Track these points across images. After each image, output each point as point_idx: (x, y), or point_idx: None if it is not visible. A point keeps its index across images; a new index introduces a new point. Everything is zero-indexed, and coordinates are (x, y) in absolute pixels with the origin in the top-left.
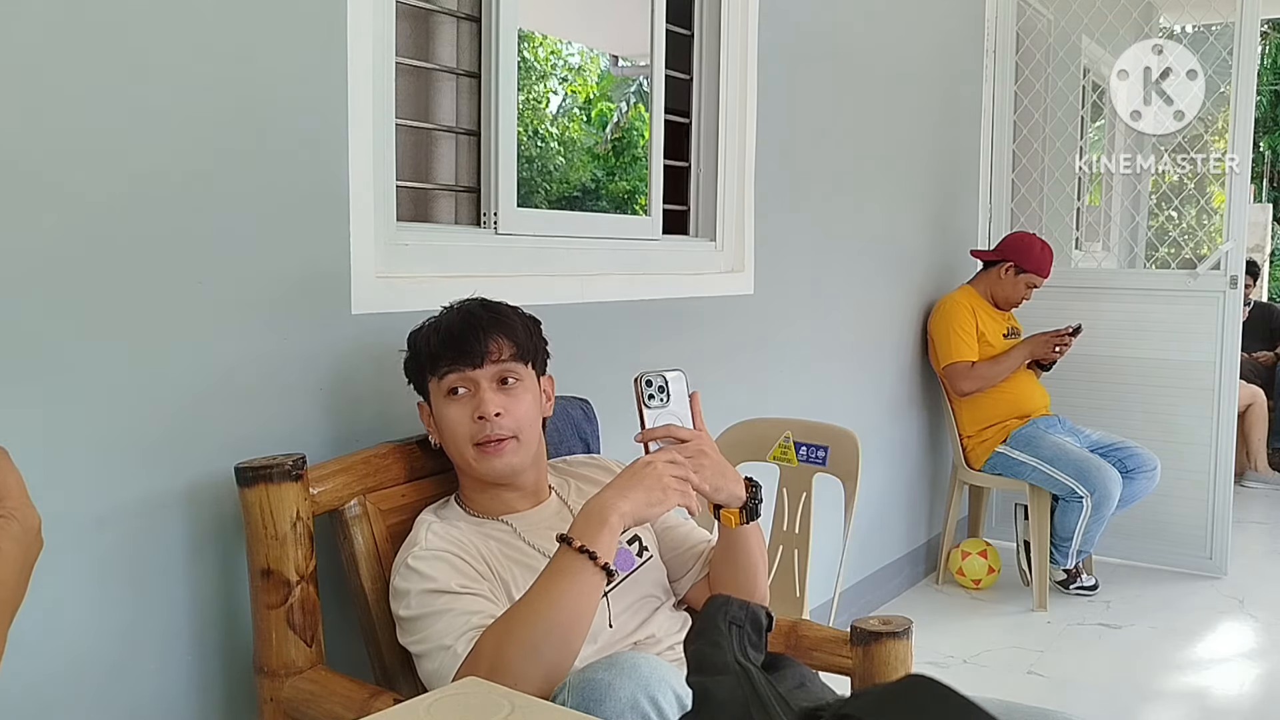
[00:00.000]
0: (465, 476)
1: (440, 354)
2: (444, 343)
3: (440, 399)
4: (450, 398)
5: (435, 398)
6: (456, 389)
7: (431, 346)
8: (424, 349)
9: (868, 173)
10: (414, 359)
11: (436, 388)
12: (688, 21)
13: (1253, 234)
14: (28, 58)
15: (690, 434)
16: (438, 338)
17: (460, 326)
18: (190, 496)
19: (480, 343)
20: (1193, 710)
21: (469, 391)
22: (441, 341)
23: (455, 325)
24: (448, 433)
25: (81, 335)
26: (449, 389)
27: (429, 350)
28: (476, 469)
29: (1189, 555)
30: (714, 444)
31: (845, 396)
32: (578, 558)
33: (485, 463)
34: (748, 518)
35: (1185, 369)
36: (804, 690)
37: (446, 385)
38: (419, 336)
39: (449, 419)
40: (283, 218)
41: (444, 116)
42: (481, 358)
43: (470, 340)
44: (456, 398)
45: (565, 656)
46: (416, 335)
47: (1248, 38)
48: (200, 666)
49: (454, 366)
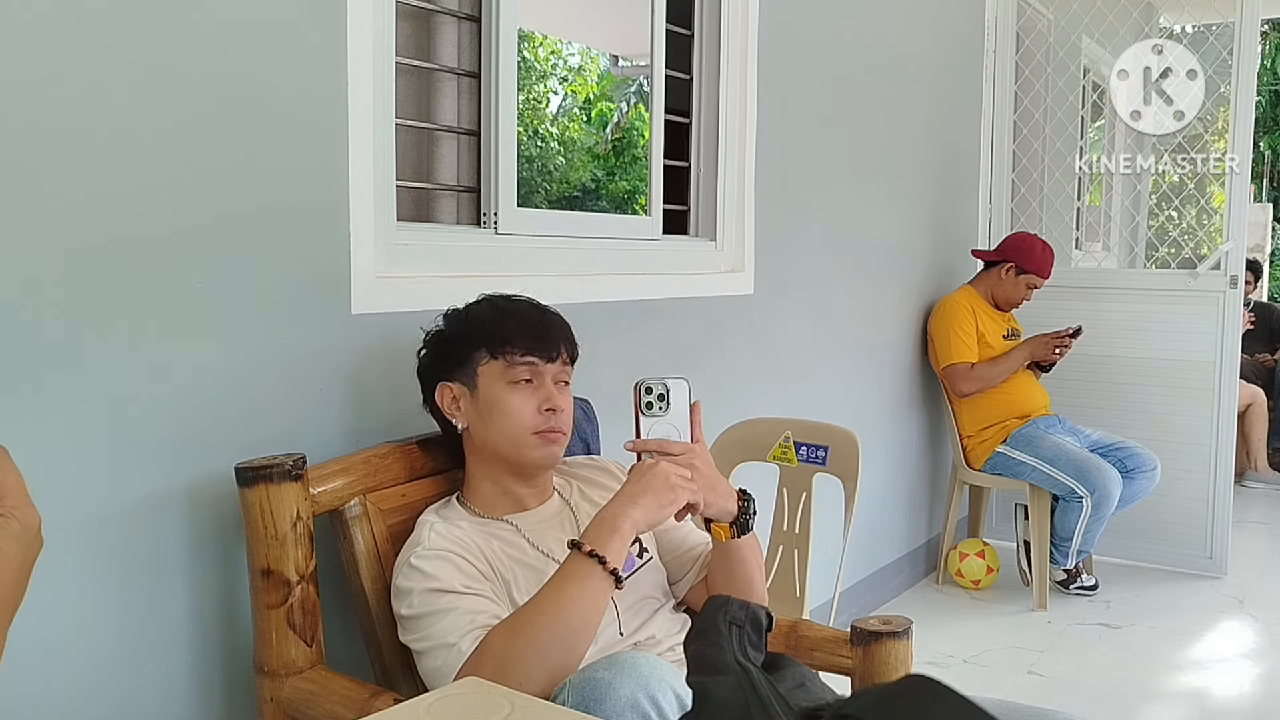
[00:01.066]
0: (487, 465)
1: (514, 338)
2: (520, 329)
3: (498, 383)
4: (514, 384)
5: (491, 382)
6: (526, 378)
7: (504, 330)
8: (492, 330)
9: (868, 172)
10: (466, 334)
11: (496, 372)
12: (688, 21)
13: (1253, 234)
14: (28, 59)
15: (682, 448)
16: (510, 323)
17: (537, 318)
18: (190, 496)
19: (555, 338)
20: (1193, 710)
21: (534, 383)
22: (517, 327)
23: (531, 316)
24: (503, 418)
25: (81, 335)
26: (518, 376)
27: (500, 332)
28: (531, 455)
29: (1189, 555)
30: (708, 457)
31: (845, 396)
32: (587, 562)
33: (544, 449)
34: (738, 532)
35: (1185, 369)
36: (804, 690)
37: (516, 372)
38: (473, 311)
39: (509, 405)
40: (283, 217)
41: (444, 116)
42: (556, 353)
43: (549, 333)
44: (520, 386)
45: (571, 658)
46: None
47: (1248, 38)
48: (200, 666)
49: (529, 356)
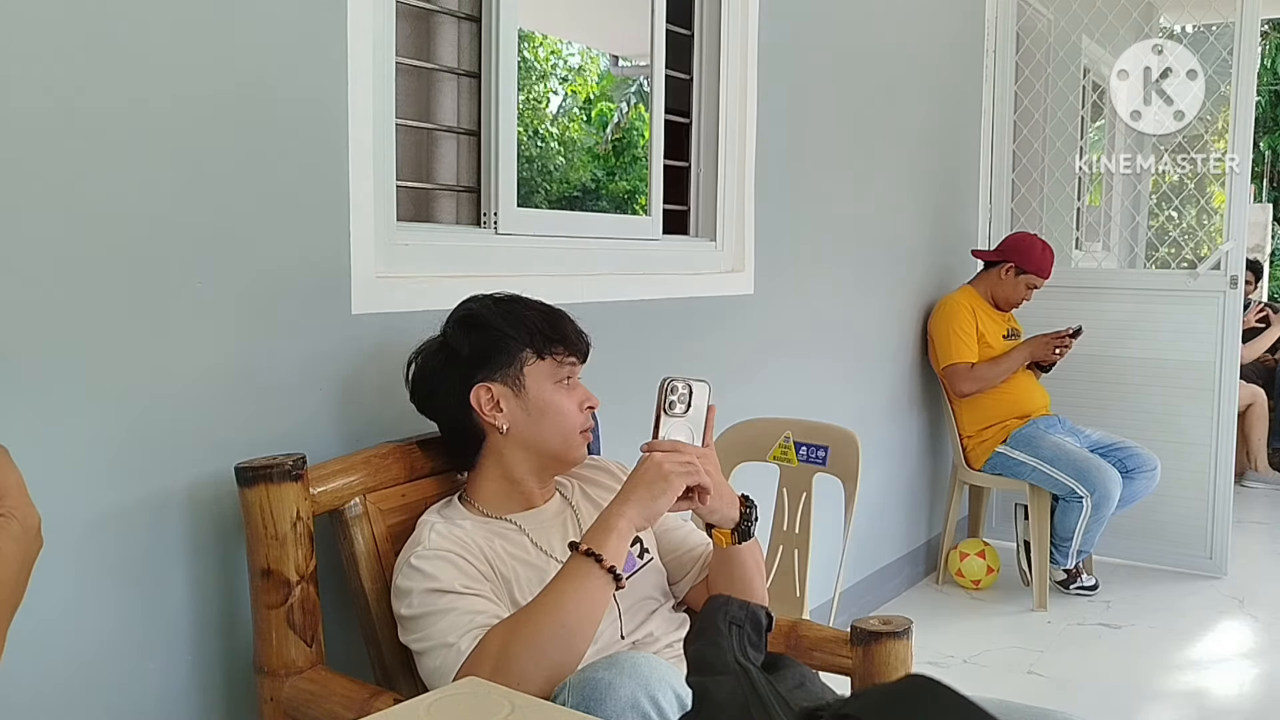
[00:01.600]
0: (526, 456)
1: (559, 338)
2: (563, 329)
3: (547, 384)
4: (559, 384)
5: (538, 381)
6: (568, 376)
7: (552, 330)
8: (540, 330)
9: (868, 172)
10: (507, 333)
11: (544, 371)
12: (688, 21)
13: (1253, 234)
14: (28, 59)
15: (697, 452)
16: (554, 322)
17: (568, 321)
18: (190, 496)
19: (587, 345)
20: (1193, 710)
21: (572, 380)
22: (557, 326)
23: (563, 317)
24: (554, 417)
25: (81, 335)
26: (563, 377)
27: (543, 331)
28: (572, 454)
29: (1189, 555)
30: (717, 463)
31: (845, 396)
32: (585, 561)
33: (582, 448)
34: (739, 539)
35: (1185, 369)
36: (804, 690)
37: (563, 373)
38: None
39: (562, 405)
40: (283, 217)
41: (444, 116)
42: (587, 352)
43: (582, 335)
44: (563, 385)
45: (570, 658)
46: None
47: (1248, 38)
48: (200, 666)
49: (572, 355)
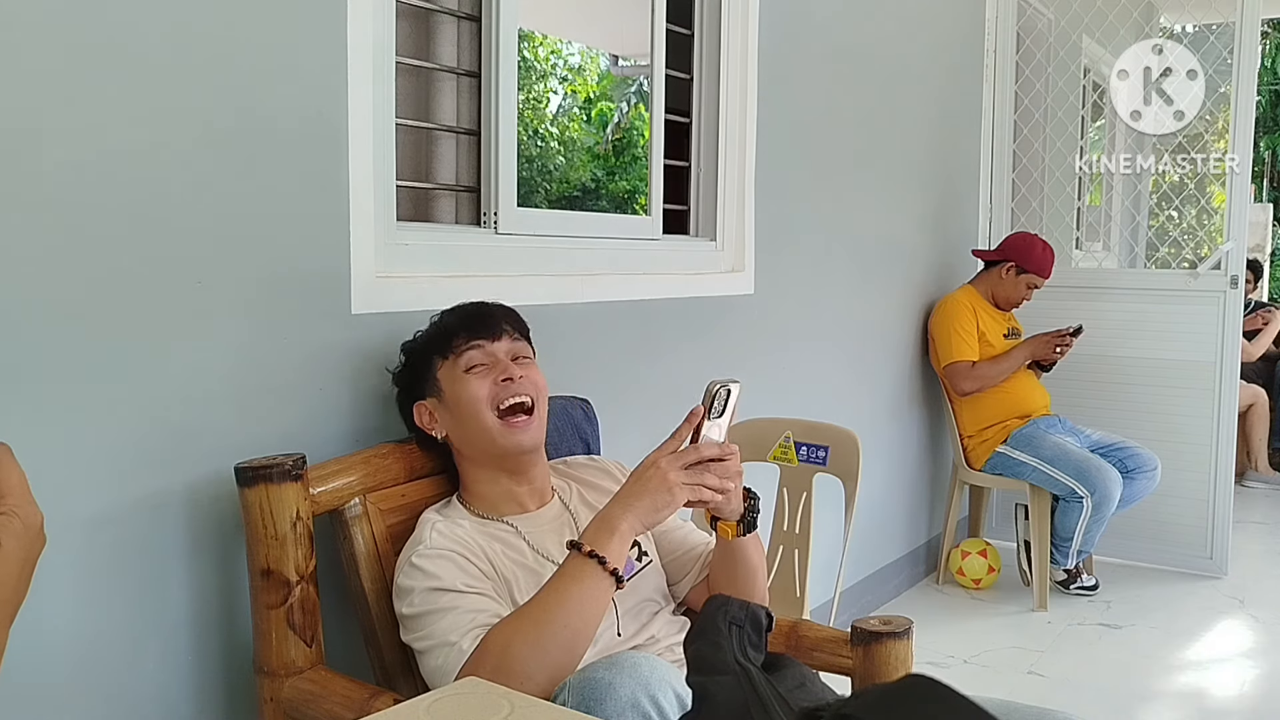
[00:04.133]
0: (477, 467)
1: (457, 330)
2: (461, 320)
3: (456, 379)
4: (468, 374)
5: (449, 381)
6: (476, 365)
7: (445, 327)
8: (436, 332)
9: (868, 172)
10: (422, 348)
11: (451, 370)
12: (688, 21)
13: (1253, 234)
14: (28, 60)
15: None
16: (453, 317)
17: (474, 307)
18: (190, 496)
19: (495, 317)
20: (1193, 710)
21: (487, 366)
22: (458, 319)
23: (469, 306)
24: (467, 408)
25: (82, 335)
26: (468, 365)
27: (443, 330)
28: (500, 443)
29: (1189, 555)
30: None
31: (845, 396)
32: (587, 562)
33: (510, 436)
34: (745, 530)
35: (1186, 369)
36: (804, 690)
37: (465, 362)
38: (425, 331)
39: (469, 392)
40: (283, 217)
41: (444, 116)
42: (498, 329)
43: (486, 316)
44: (475, 373)
45: (571, 658)
46: (419, 334)
47: (1248, 37)
48: (200, 666)
49: (472, 341)
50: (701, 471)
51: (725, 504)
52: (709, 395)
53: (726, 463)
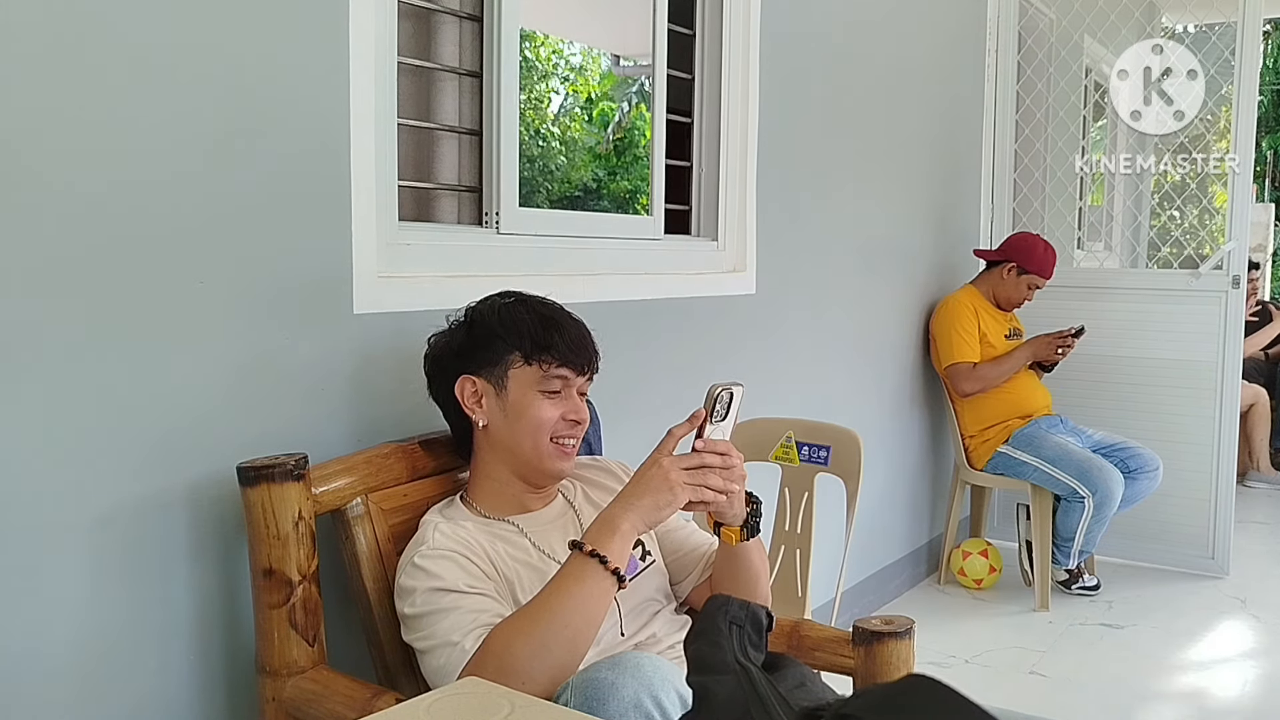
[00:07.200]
0: (501, 465)
1: (553, 349)
2: (562, 341)
3: (528, 387)
4: (543, 392)
5: (520, 386)
6: (557, 389)
7: (546, 339)
8: (533, 336)
9: (870, 172)
10: (501, 333)
11: (527, 376)
12: (690, 21)
13: (1254, 234)
14: (28, 59)
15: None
16: (553, 333)
17: (576, 331)
18: (191, 496)
19: (590, 353)
20: (1194, 710)
21: (562, 393)
22: (559, 339)
23: (570, 328)
24: (529, 424)
25: (83, 335)
26: (548, 387)
27: (541, 341)
28: (544, 464)
29: (1191, 555)
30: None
31: (847, 396)
32: (589, 562)
33: (557, 463)
34: (747, 535)
35: (1187, 369)
36: (804, 690)
37: (548, 383)
38: (506, 311)
39: (536, 410)
40: (284, 217)
41: (446, 116)
42: (588, 368)
43: (587, 348)
44: (549, 393)
45: (573, 658)
46: (494, 304)
47: (1250, 37)
48: (202, 666)
49: (566, 365)
50: (705, 472)
51: (728, 507)
52: (710, 399)
53: (734, 469)
